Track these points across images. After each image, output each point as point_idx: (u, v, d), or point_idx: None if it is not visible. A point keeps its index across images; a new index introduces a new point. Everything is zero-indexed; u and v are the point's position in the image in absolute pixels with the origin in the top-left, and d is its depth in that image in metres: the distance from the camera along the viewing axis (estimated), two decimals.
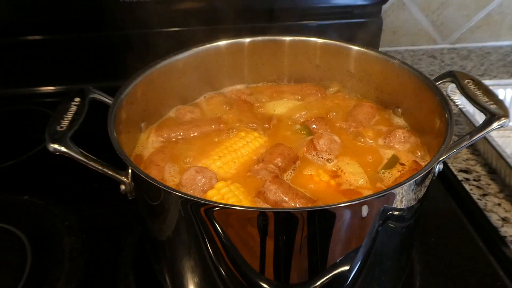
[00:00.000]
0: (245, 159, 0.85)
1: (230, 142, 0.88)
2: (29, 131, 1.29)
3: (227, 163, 0.83)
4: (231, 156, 0.84)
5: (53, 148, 0.68)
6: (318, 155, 0.86)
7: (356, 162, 0.84)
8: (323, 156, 0.85)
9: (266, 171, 0.80)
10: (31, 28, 1.36)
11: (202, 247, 0.66)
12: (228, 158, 0.84)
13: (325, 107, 0.99)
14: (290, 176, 0.82)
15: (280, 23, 1.34)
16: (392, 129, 0.91)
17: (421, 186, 0.69)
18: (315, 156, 0.86)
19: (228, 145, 0.87)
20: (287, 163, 0.83)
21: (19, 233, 0.95)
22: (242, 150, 0.86)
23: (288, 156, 0.83)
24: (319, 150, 0.85)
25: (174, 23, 1.33)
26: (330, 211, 0.62)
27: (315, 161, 0.85)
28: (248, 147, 0.87)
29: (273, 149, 0.84)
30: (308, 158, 0.86)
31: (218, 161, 0.83)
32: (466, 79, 0.84)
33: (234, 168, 0.83)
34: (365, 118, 0.95)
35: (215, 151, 0.86)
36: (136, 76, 0.87)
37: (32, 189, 1.08)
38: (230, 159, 0.84)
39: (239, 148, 0.86)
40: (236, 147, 0.87)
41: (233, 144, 0.87)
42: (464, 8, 1.62)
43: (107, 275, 0.88)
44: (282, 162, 0.82)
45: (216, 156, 0.84)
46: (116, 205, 0.98)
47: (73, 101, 0.78)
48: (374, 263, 0.71)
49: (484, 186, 1.08)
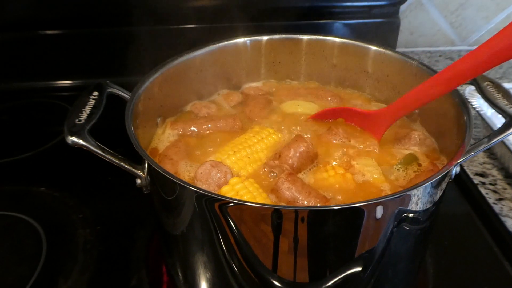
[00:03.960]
0: (259, 155, 0.85)
1: (245, 138, 0.87)
2: (46, 124, 1.31)
3: (242, 158, 0.83)
4: (246, 151, 0.84)
5: (71, 140, 0.69)
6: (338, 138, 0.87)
7: (371, 158, 0.84)
8: (342, 139, 0.86)
9: (281, 169, 0.80)
10: (50, 22, 1.38)
11: (215, 242, 0.66)
12: (242, 154, 0.83)
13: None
14: (307, 173, 0.82)
15: (298, 22, 1.34)
16: (408, 131, 0.90)
17: (437, 188, 0.69)
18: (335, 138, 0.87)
19: (243, 141, 0.87)
20: (304, 162, 0.81)
21: (35, 223, 0.96)
22: (257, 146, 0.86)
23: (306, 155, 0.81)
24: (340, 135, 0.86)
25: (193, 20, 1.33)
26: (344, 211, 0.61)
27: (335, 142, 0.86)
28: (263, 143, 0.87)
29: (292, 144, 0.82)
30: (330, 141, 0.87)
31: (233, 156, 0.83)
32: (486, 82, 0.83)
33: (248, 164, 0.83)
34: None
35: (229, 146, 0.85)
36: (154, 72, 0.88)
37: (49, 181, 1.09)
38: (245, 154, 0.83)
39: (254, 144, 0.86)
40: (250, 142, 0.86)
41: (247, 139, 0.87)
42: (484, 10, 1.60)
43: (120, 267, 0.89)
44: (298, 161, 0.80)
45: (230, 151, 0.84)
46: (130, 199, 0.99)
47: (91, 95, 0.79)
48: (387, 264, 0.70)
49: (500, 191, 1.07)
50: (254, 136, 0.88)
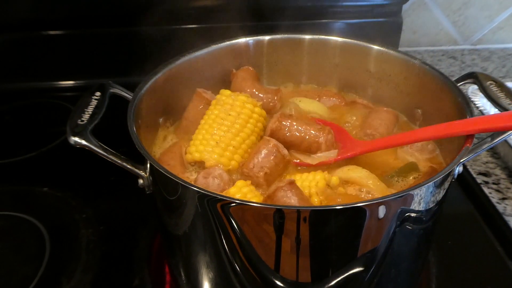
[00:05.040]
0: (245, 141, 0.81)
1: (212, 118, 0.82)
2: (49, 124, 1.31)
3: (226, 149, 0.79)
4: (227, 137, 0.79)
5: (74, 141, 0.69)
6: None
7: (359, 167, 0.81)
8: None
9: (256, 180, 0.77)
10: (53, 23, 1.38)
11: (217, 242, 0.66)
12: (226, 141, 0.79)
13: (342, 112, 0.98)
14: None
15: (300, 22, 1.34)
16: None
17: (440, 188, 0.68)
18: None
19: (215, 126, 0.81)
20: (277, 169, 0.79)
21: (38, 223, 0.97)
22: (236, 126, 0.80)
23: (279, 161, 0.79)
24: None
25: (195, 20, 1.34)
26: (347, 211, 0.61)
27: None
28: (243, 118, 0.81)
29: (261, 148, 0.79)
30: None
31: (217, 149, 0.79)
32: (489, 81, 0.82)
33: (236, 155, 0.79)
34: (381, 124, 0.92)
35: (201, 133, 0.81)
36: (156, 72, 0.88)
37: (52, 181, 1.10)
38: (228, 143, 0.79)
39: (232, 123, 0.81)
40: (228, 122, 0.81)
41: (222, 121, 0.81)
42: (487, 9, 1.59)
43: (123, 267, 0.89)
44: (269, 169, 0.78)
45: (212, 141, 0.79)
46: (133, 199, 0.99)
47: (94, 95, 0.79)
48: (390, 264, 0.70)
49: (503, 190, 1.06)
50: (230, 111, 0.83)
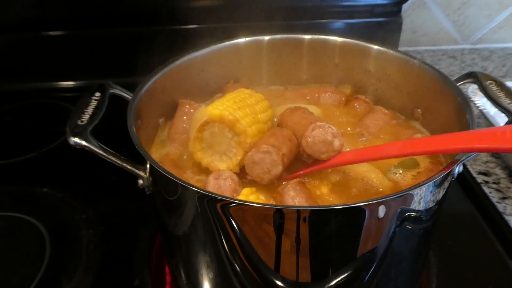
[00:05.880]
0: (262, 117, 0.77)
1: (241, 96, 0.78)
2: (49, 125, 1.31)
3: (247, 115, 0.74)
4: (248, 109, 0.75)
5: (73, 141, 0.69)
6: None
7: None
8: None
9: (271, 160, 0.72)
10: (52, 23, 1.38)
11: (217, 243, 0.66)
12: (247, 111, 0.74)
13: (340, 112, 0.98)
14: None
15: (299, 22, 1.34)
16: (412, 133, 0.89)
17: (440, 187, 0.68)
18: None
19: (241, 99, 0.76)
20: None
21: (39, 224, 0.97)
22: (255, 107, 0.77)
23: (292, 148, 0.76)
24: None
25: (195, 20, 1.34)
26: (346, 211, 0.61)
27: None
28: (260, 106, 0.78)
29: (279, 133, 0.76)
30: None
31: (239, 111, 0.73)
32: (488, 80, 0.82)
33: (253, 123, 0.74)
34: (373, 123, 0.92)
35: (229, 101, 0.75)
36: (156, 73, 0.88)
37: (52, 181, 1.10)
38: (249, 112, 0.74)
39: (252, 104, 0.77)
40: (249, 102, 0.77)
41: (245, 98, 0.77)
42: (487, 8, 1.59)
43: (123, 268, 0.89)
44: (286, 152, 0.73)
45: (234, 106, 0.73)
46: (133, 199, 0.99)
47: (93, 95, 0.79)
48: (390, 264, 0.70)
49: (503, 189, 1.06)
50: (250, 97, 0.80)
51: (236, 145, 0.76)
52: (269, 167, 0.72)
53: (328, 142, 0.72)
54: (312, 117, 0.79)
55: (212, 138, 0.77)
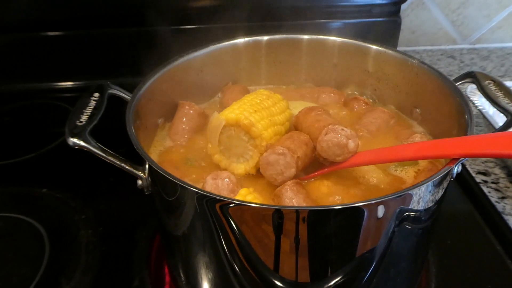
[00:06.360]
0: (279, 118, 0.76)
1: (259, 98, 0.79)
2: (48, 125, 1.31)
3: (263, 118, 0.74)
4: (265, 112, 0.75)
5: (72, 142, 0.69)
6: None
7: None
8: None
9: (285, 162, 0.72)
10: (51, 23, 1.38)
11: (216, 243, 0.66)
12: (263, 114, 0.75)
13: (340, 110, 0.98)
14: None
15: (298, 22, 1.34)
16: (410, 133, 0.89)
17: (438, 187, 0.68)
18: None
19: (258, 101, 0.77)
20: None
21: (38, 225, 0.97)
22: (272, 109, 0.77)
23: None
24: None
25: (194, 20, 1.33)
26: (345, 211, 0.61)
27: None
28: (278, 107, 0.78)
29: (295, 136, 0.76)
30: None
31: (255, 114, 0.73)
32: (487, 80, 0.82)
33: (269, 126, 0.75)
34: (372, 122, 0.91)
35: (246, 104, 0.76)
36: (155, 73, 0.88)
37: (51, 182, 1.09)
38: (265, 115, 0.75)
39: (269, 106, 0.77)
40: (266, 104, 0.77)
41: (262, 101, 0.77)
42: (485, 8, 1.60)
43: (123, 268, 0.89)
44: (301, 155, 0.74)
45: (250, 109, 0.74)
46: (132, 200, 0.99)
47: (92, 96, 0.79)
48: (389, 264, 0.70)
49: (502, 189, 1.06)
50: (268, 99, 0.81)
51: (253, 148, 0.78)
52: (282, 169, 0.73)
53: (343, 145, 0.72)
54: (325, 119, 0.80)
55: (229, 141, 0.78)
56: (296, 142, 0.75)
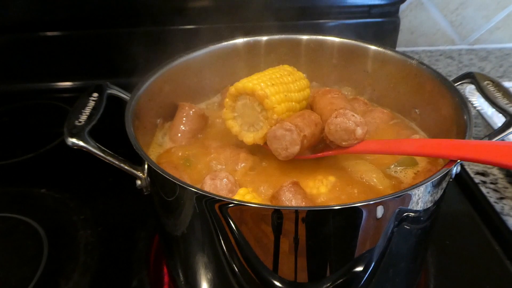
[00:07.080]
0: (295, 96, 0.77)
1: (279, 73, 0.79)
2: (47, 125, 1.31)
3: (278, 92, 0.75)
4: (282, 87, 0.75)
5: (71, 142, 0.69)
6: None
7: (367, 162, 0.81)
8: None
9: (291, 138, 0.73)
10: (50, 24, 1.38)
11: (216, 243, 0.66)
12: (280, 88, 0.75)
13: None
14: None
15: (297, 22, 1.34)
16: (410, 133, 0.89)
17: (438, 188, 0.69)
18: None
19: (278, 75, 0.77)
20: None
21: (36, 225, 0.96)
22: (291, 86, 0.77)
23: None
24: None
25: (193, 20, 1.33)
26: (344, 211, 0.61)
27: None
28: (296, 85, 0.78)
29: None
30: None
31: (271, 87, 0.74)
32: (486, 81, 0.83)
33: (283, 101, 0.75)
34: (371, 122, 0.91)
35: (265, 76, 0.77)
36: (154, 73, 0.88)
37: (49, 182, 1.09)
38: (282, 89, 0.75)
39: (289, 82, 0.77)
40: (286, 80, 0.77)
41: (283, 76, 0.78)
42: (484, 9, 1.60)
43: (121, 268, 0.89)
44: (308, 135, 0.74)
45: (268, 82, 0.74)
46: (131, 200, 0.99)
47: (91, 96, 0.79)
48: (388, 264, 0.70)
49: (501, 190, 1.07)
50: (289, 75, 0.81)
51: (264, 119, 0.78)
52: (287, 145, 0.74)
53: (350, 131, 0.73)
54: (339, 102, 0.80)
55: (243, 109, 0.80)
56: (306, 120, 0.76)
